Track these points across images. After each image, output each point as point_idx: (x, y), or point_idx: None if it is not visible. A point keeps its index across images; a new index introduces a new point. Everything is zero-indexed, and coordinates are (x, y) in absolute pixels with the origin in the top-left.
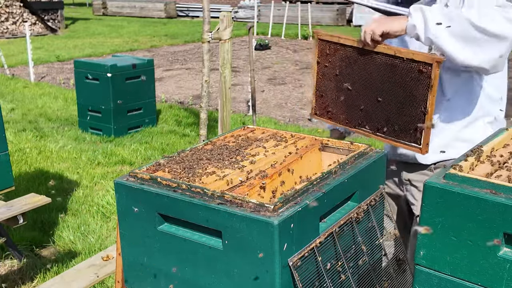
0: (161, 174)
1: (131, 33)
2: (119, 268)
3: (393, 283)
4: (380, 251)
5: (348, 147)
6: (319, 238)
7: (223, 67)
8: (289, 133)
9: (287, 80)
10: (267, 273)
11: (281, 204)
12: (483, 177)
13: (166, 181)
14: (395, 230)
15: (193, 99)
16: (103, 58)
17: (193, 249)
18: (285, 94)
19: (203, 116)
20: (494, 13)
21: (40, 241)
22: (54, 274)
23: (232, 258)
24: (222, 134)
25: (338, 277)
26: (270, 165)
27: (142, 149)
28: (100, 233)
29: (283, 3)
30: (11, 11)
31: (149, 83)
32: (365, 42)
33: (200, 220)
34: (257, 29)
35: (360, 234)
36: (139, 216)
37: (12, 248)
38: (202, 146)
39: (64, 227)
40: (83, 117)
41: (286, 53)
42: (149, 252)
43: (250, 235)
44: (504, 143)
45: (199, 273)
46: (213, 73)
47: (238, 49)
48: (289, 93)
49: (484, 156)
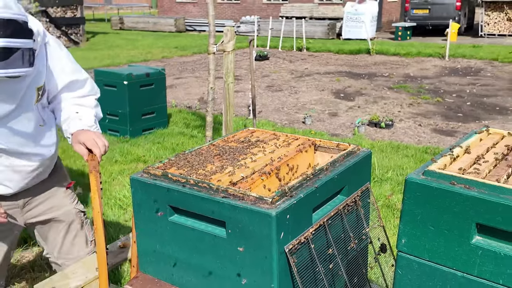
0: (172, 170)
1: (145, 46)
2: (134, 254)
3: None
4: (366, 239)
5: (337, 146)
6: (312, 227)
7: (227, 75)
8: (285, 134)
9: (284, 87)
10: (265, 259)
11: (278, 198)
12: (458, 173)
13: (176, 177)
14: (380, 220)
15: (200, 104)
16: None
17: (200, 237)
18: (281, 99)
19: (209, 119)
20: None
21: None
22: None
23: (235, 246)
24: (226, 135)
25: (329, 262)
26: (269, 162)
27: (155, 149)
28: (117, 223)
29: (280, 19)
30: None
31: (161, 90)
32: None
33: (206, 211)
34: (257, 42)
35: (348, 224)
36: (152, 208)
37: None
38: (208, 146)
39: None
40: (102, 120)
41: (282, 63)
42: (161, 240)
43: (251, 225)
44: (477, 143)
45: (205, 258)
46: (218, 81)
47: (240, 59)
48: (286, 99)
49: (459, 154)
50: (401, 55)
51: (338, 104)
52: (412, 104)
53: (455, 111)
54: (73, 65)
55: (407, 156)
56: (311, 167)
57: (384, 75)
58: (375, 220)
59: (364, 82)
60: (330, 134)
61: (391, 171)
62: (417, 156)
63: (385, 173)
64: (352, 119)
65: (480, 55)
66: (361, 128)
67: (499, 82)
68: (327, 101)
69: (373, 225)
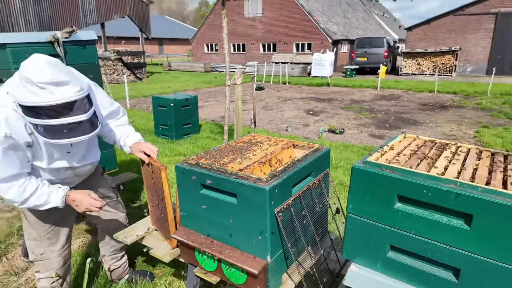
0: (202, 161)
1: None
2: (178, 214)
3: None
4: (327, 205)
5: (308, 145)
6: (291, 198)
7: (237, 100)
8: (275, 138)
9: (273, 107)
10: (262, 218)
11: (270, 178)
12: (385, 163)
13: (204, 165)
14: (335, 193)
15: (220, 118)
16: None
17: (220, 204)
18: (272, 115)
19: (225, 128)
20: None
21: (132, 199)
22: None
23: (242, 209)
24: (236, 139)
25: (302, 220)
26: (264, 156)
27: (191, 147)
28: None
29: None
30: (116, 68)
31: (195, 109)
32: None
33: (224, 187)
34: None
35: (315, 195)
36: (189, 185)
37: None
38: (225, 145)
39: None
40: (157, 128)
41: (273, 92)
42: (195, 206)
43: (253, 196)
44: (397, 143)
45: (223, 218)
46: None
47: (246, 89)
48: (275, 115)
49: (387, 151)
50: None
51: (309, 118)
52: (356, 118)
53: (384, 122)
54: (108, 99)
55: (353, 152)
56: (291, 159)
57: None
58: (332, 192)
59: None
60: (304, 138)
61: (343, 161)
62: (359, 152)
63: (338, 162)
64: (317, 128)
65: (400, 86)
66: (323, 134)
67: (412, 104)
68: (301, 116)
69: (331, 196)
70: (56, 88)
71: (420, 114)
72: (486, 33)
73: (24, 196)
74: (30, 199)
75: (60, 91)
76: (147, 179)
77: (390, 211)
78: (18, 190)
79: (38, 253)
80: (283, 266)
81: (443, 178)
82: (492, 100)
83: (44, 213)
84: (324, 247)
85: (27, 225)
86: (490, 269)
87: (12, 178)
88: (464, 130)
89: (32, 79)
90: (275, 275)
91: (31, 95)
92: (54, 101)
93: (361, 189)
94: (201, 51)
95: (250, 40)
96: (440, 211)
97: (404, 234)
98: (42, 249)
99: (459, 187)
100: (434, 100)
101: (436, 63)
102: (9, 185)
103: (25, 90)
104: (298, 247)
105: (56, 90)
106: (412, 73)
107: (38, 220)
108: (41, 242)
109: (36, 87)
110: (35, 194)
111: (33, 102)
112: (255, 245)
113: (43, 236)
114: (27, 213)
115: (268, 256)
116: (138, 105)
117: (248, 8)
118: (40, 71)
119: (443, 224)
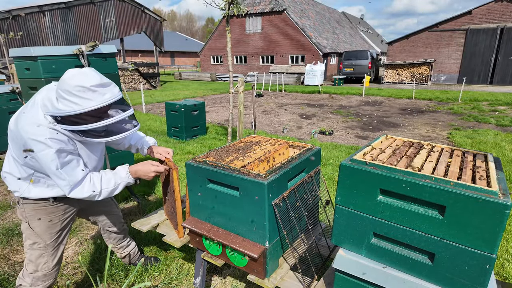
0: (209, 159)
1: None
2: (187, 205)
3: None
4: (318, 197)
5: (301, 145)
6: (287, 191)
7: (240, 105)
8: (273, 139)
9: (271, 112)
10: (261, 209)
11: (268, 174)
12: (370, 160)
13: (211, 162)
14: (325, 186)
15: (224, 121)
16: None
17: (224, 196)
18: (270, 119)
19: (229, 130)
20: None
21: (147, 192)
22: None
23: (244, 201)
24: (239, 139)
25: (296, 211)
26: (263, 154)
27: (199, 146)
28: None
29: (270, 73)
30: (133, 77)
31: (202, 113)
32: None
33: (228, 181)
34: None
35: (307, 189)
36: (197, 180)
37: (134, 196)
38: (228, 145)
39: (158, 186)
40: (169, 130)
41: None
42: (202, 198)
43: (253, 189)
44: (380, 143)
45: (227, 209)
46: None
47: (247, 96)
48: (272, 119)
49: (371, 149)
50: (337, 94)
51: (302, 121)
52: (343, 122)
53: (368, 125)
54: None
55: (341, 151)
56: (286, 157)
57: (328, 105)
58: (323, 186)
59: (316, 109)
60: (298, 138)
61: (332, 159)
62: (346, 151)
63: (328, 160)
64: (309, 130)
65: (382, 94)
66: (315, 135)
67: (393, 109)
68: (296, 120)
69: (322, 190)
70: (104, 89)
71: (400, 118)
72: (457, 47)
73: (96, 187)
74: (103, 188)
75: (108, 92)
76: (162, 176)
77: (373, 203)
78: (89, 186)
79: (40, 263)
80: (279, 251)
81: (420, 174)
82: (463, 105)
83: (51, 222)
84: (316, 234)
85: (31, 235)
86: (460, 254)
87: (82, 179)
88: (438, 132)
89: (84, 85)
90: (272, 258)
91: (83, 101)
92: (107, 101)
93: (348, 184)
94: (208, 63)
95: (250, 53)
96: (417, 203)
97: (386, 223)
98: (45, 258)
99: (434, 182)
100: (412, 106)
101: (414, 73)
102: (82, 185)
103: (76, 99)
104: (293, 234)
105: (105, 91)
106: (392, 82)
107: (46, 229)
108: (46, 251)
109: (89, 91)
110: (103, 182)
111: (88, 107)
112: (255, 232)
113: (49, 245)
114: (34, 222)
115: (266, 242)
116: (152, 110)
117: (249, 25)
118: (87, 77)
119: (419, 214)
